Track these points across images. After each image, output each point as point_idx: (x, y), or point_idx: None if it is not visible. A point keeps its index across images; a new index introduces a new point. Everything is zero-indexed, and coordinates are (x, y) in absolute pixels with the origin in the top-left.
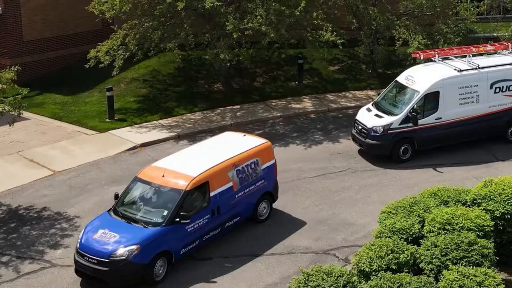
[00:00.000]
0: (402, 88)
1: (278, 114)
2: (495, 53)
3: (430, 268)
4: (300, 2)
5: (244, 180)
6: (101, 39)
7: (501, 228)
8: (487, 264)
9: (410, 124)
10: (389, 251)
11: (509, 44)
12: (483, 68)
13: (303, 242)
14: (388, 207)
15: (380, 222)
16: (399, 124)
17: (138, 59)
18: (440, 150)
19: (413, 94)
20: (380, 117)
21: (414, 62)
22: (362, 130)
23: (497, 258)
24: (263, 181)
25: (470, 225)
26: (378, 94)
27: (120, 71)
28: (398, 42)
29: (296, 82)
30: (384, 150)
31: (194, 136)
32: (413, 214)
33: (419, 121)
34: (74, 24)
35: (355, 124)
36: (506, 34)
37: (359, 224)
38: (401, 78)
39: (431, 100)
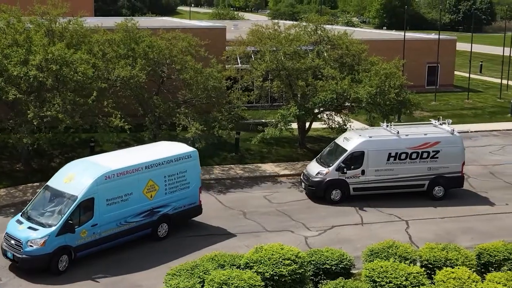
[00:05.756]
0: None
1: None
2: None
3: None
4: (92, 92)
5: None
6: None
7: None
8: None
9: None
10: None
11: None
12: None
13: None
14: (173, 269)
15: (165, 283)
16: None
17: None
18: (215, 220)
19: None
20: None
21: (193, 145)
22: None
23: None
24: None
25: (244, 285)
26: None
27: None
28: (178, 128)
29: None
30: None
31: None
32: (194, 276)
33: None
34: None
35: None
36: (274, 120)
37: (146, 285)
38: None
39: None
